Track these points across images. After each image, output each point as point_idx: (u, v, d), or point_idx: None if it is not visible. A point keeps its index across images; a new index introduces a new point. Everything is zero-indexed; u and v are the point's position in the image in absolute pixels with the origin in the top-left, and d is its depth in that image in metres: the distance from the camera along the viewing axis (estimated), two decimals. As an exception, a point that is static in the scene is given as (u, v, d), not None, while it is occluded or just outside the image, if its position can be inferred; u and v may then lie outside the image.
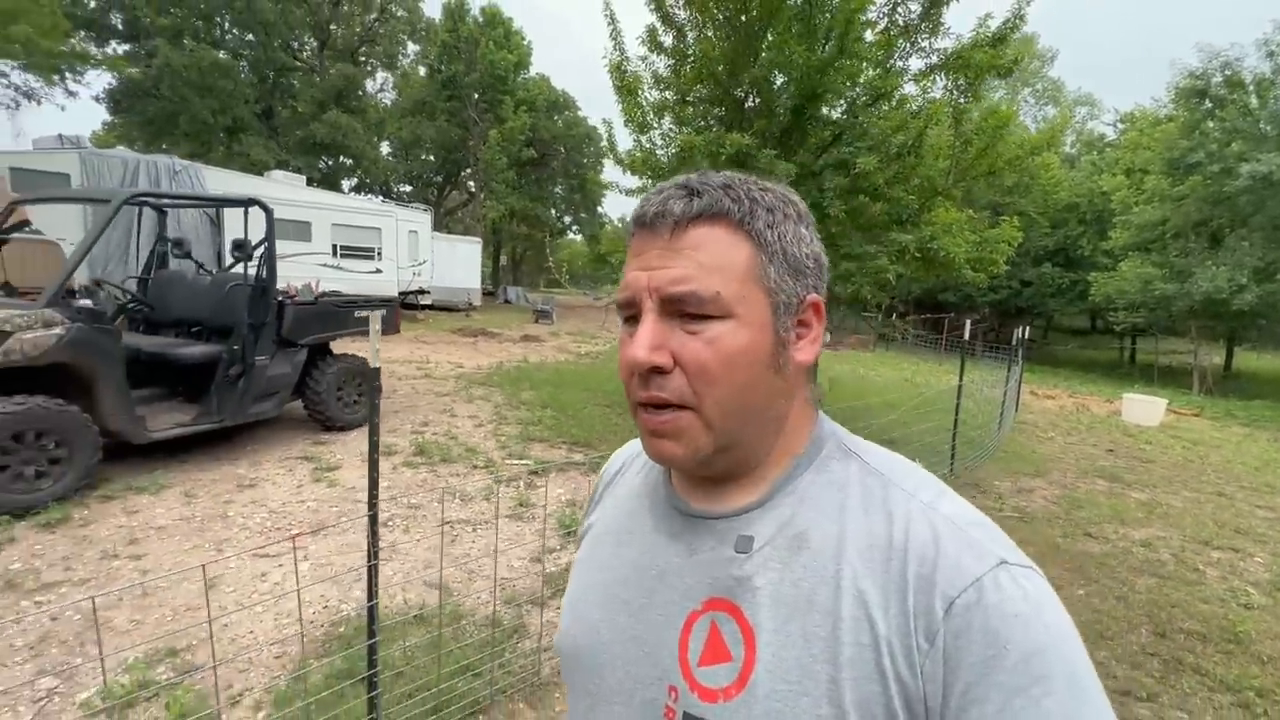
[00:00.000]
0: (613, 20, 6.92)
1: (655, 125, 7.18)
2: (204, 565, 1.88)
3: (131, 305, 4.79)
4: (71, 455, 3.70)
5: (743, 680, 0.48)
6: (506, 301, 28.43)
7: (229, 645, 2.65)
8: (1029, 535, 4.50)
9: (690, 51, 6.75)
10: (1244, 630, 3.24)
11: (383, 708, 2.08)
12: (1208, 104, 15.19)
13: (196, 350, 4.52)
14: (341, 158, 25.86)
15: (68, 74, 15.75)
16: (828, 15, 5.73)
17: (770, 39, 6.06)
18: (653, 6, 6.75)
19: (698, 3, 6.36)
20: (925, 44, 5.89)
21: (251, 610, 2.88)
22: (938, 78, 5.95)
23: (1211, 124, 14.64)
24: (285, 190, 13.27)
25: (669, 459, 0.53)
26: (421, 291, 17.50)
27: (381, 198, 26.90)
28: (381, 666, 2.10)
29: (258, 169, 19.15)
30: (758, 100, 6.56)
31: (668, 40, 6.96)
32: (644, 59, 7.10)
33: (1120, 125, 26.50)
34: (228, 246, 6.15)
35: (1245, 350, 22.29)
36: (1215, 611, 3.48)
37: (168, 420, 4.35)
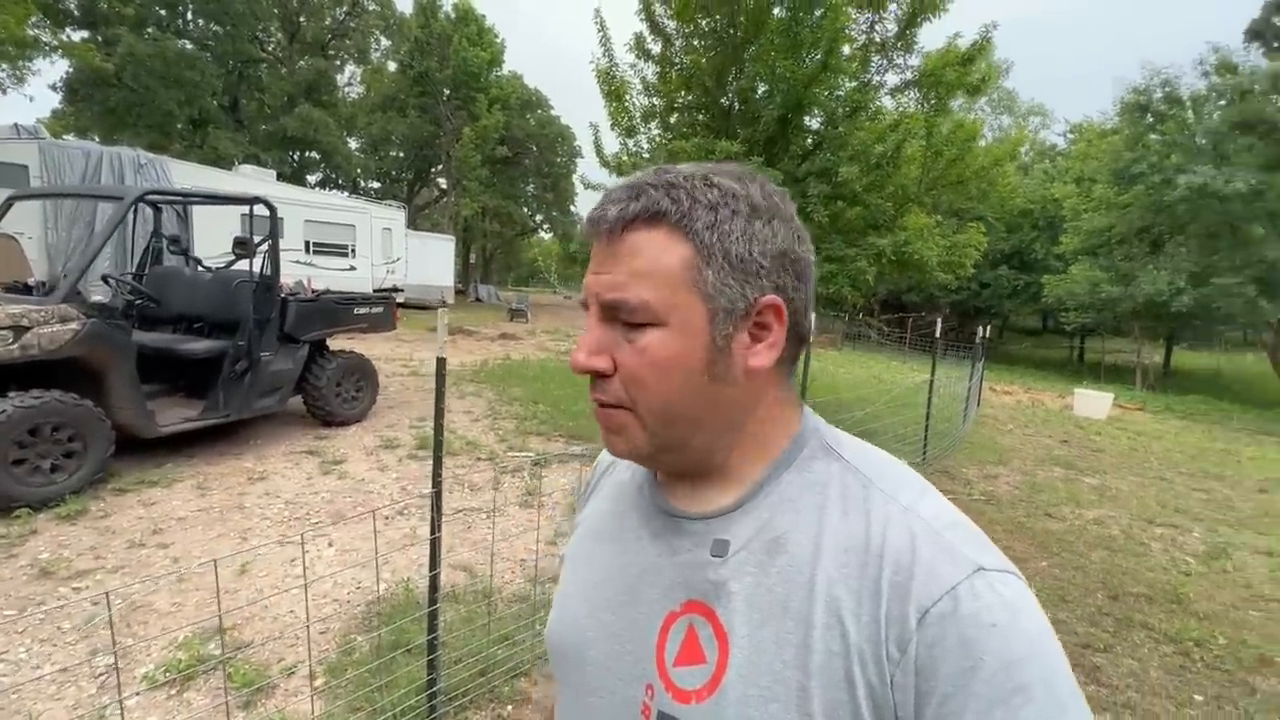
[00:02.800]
0: (602, 27, 7.13)
1: (642, 129, 7.42)
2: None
3: (139, 301, 4.80)
4: (86, 449, 3.74)
5: (714, 683, 0.48)
6: (478, 299, 28.27)
7: (272, 624, 2.79)
8: (996, 516, 4.91)
9: (677, 60, 7.01)
10: (1184, 593, 3.68)
11: (441, 668, 2.27)
12: (1150, 118, 16.21)
13: (202, 346, 4.57)
14: (310, 152, 25.33)
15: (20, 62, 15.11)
16: (810, 31, 6.06)
17: (754, 51, 6.37)
18: (642, 15, 6.98)
19: (685, 14, 6.63)
20: (900, 61, 6.28)
21: (288, 593, 3.01)
22: (911, 92, 6.36)
23: (1153, 137, 15.65)
24: (256, 185, 13.06)
25: (614, 453, 0.55)
26: (395, 289, 17.36)
27: (348, 194, 26.48)
28: (442, 631, 2.29)
29: (225, 162, 18.66)
30: (742, 108, 6.87)
31: (656, 48, 7.21)
32: (632, 65, 7.33)
33: (1070, 136, 27.89)
34: (195, 241, 6.18)
35: (1182, 349, 23.78)
36: (1159, 578, 3.91)
37: (176, 415, 4.40)
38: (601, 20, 7.11)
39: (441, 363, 2.12)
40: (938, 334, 5.84)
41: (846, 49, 6.41)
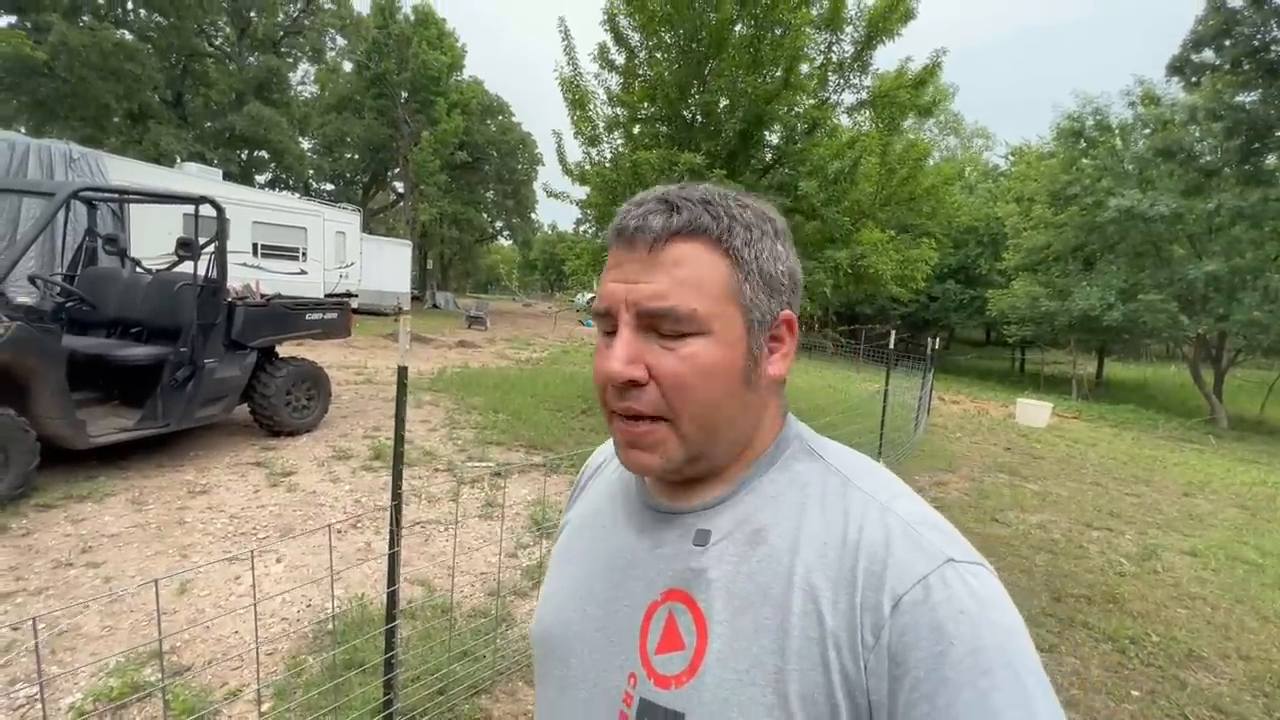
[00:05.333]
0: (566, 35, 7.14)
1: (606, 139, 7.44)
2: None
3: (71, 303, 4.51)
4: (7, 462, 3.49)
5: (693, 668, 0.50)
6: (435, 306, 27.71)
7: (214, 646, 2.65)
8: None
9: (641, 71, 7.08)
10: (1120, 593, 3.88)
11: (399, 687, 2.20)
12: (1083, 143, 17.21)
13: (140, 351, 4.33)
14: (259, 152, 24.43)
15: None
16: (771, 49, 6.21)
17: (716, 66, 6.48)
18: (606, 26, 7.02)
19: (649, 27, 6.70)
20: (856, 81, 6.50)
21: (233, 613, 2.86)
22: (866, 111, 6.58)
23: (1085, 161, 16.60)
24: (199, 184, 12.50)
25: (643, 469, 0.55)
26: (349, 295, 16.86)
27: (300, 195, 25.64)
28: (401, 649, 2.21)
29: (167, 159, 17.80)
30: (705, 122, 6.97)
31: (620, 59, 7.26)
32: (596, 75, 7.36)
33: (1011, 158, 29.35)
34: (132, 241, 5.82)
35: (1113, 361, 25.21)
36: (1097, 579, 4.12)
37: (109, 425, 4.15)
38: (566, 29, 7.11)
39: (403, 371, 2.06)
40: (891, 345, 6.02)
41: (805, 68, 6.60)
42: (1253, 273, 13.46)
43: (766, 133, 6.92)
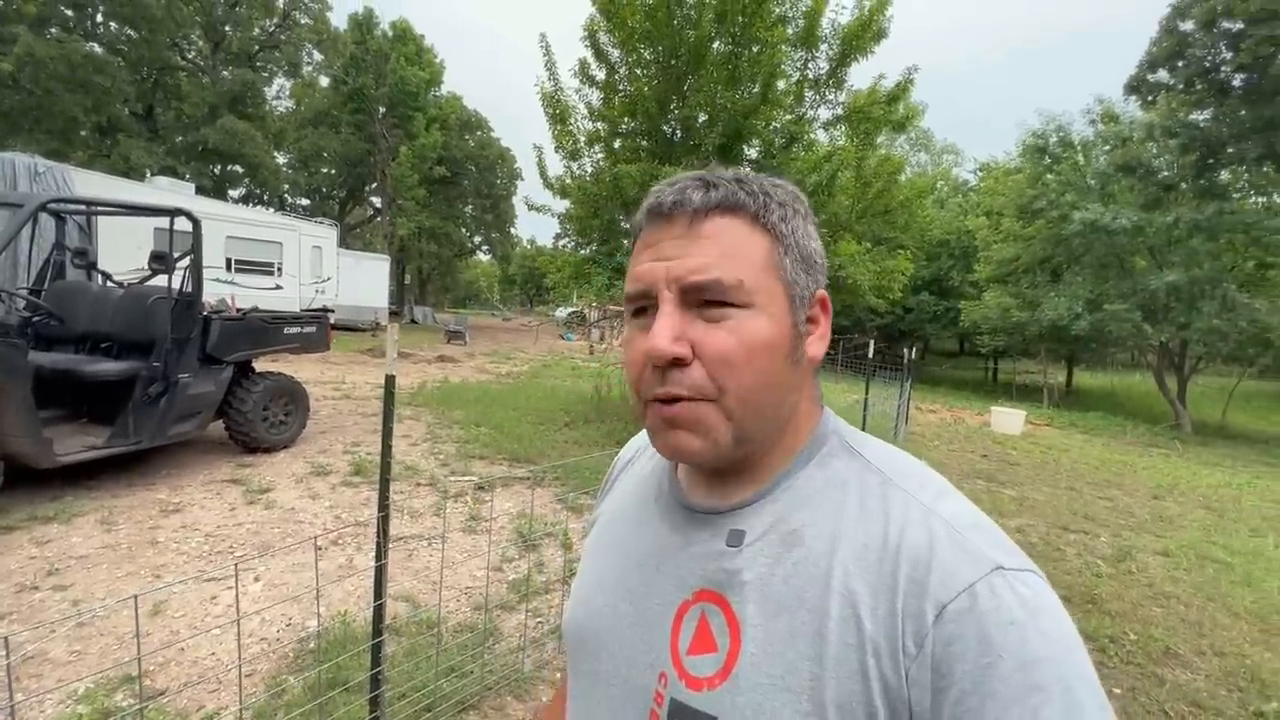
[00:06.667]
0: (547, 51, 7.21)
1: (587, 153, 7.50)
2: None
3: (38, 318, 4.37)
4: (-32, 482, 3.35)
5: (726, 671, 0.48)
6: (413, 321, 27.44)
7: (191, 668, 2.56)
8: (929, 528, 5.14)
9: (621, 86, 7.16)
10: (1097, 593, 3.95)
11: (385, 705, 2.15)
12: (1047, 159, 17.80)
13: (111, 367, 4.21)
14: (233, 166, 24.07)
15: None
16: (749, 65, 6.35)
17: (695, 82, 6.59)
18: (587, 42, 7.11)
19: (629, 43, 6.80)
20: (831, 97, 6.66)
21: (209, 633, 2.78)
22: (842, 127, 6.74)
23: (1050, 176, 17.15)
24: (171, 198, 12.28)
25: (687, 454, 0.51)
26: (326, 310, 16.63)
27: (275, 210, 25.31)
28: (387, 665, 2.17)
29: (137, 173, 17.45)
30: (685, 136, 7.07)
31: (600, 75, 7.34)
32: (577, 90, 7.43)
33: (980, 173, 30.21)
34: (101, 255, 5.68)
35: (1081, 370, 25.89)
36: (1075, 580, 4.20)
37: (77, 443, 4.01)
38: (547, 44, 7.19)
39: (390, 379, 2.04)
40: (870, 355, 6.12)
41: (782, 84, 6.75)
42: (1210, 283, 13.98)
43: (746, 147, 7.04)
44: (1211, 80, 13.39)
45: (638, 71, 7.04)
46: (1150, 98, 14.85)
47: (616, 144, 7.45)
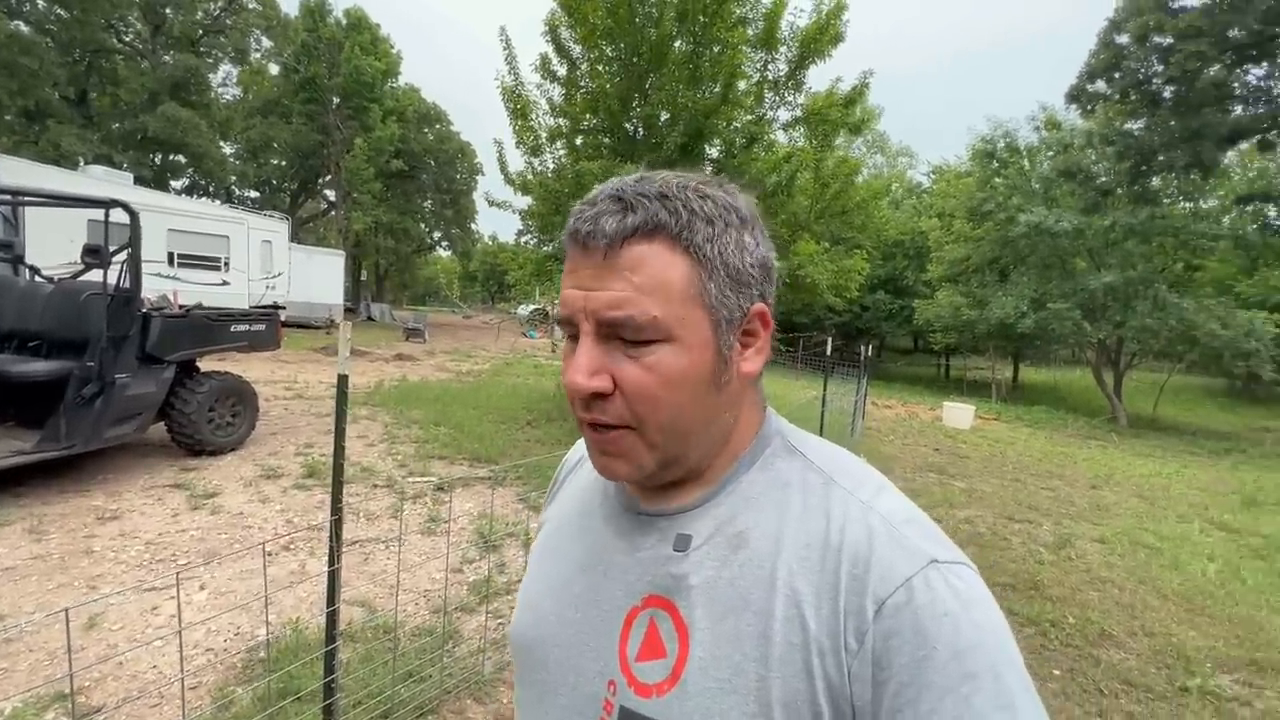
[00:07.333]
0: (508, 45, 7.11)
1: (548, 149, 7.44)
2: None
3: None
4: (-123, 491, 3.11)
5: (675, 676, 0.48)
6: (369, 319, 26.73)
7: (130, 682, 2.44)
8: (884, 520, 5.29)
9: (583, 83, 7.13)
10: (1040, 579, 4.15)
11: (339, 713, 2.09)
12: (995, 164, 18.55)
13: (40, 367, 3.97)
14: (176, 156, 22.96)
15: None
16: (710, 65, 6.40)
17: (657, 80, 6.61)
18: (548, 38, 7.04)
19: (590, 40, 6.77)
20: (791, 99, 6.77)
21: (149, 645, 2.65)
22: (801, 128, 6.86)
23: (998, 180, 17.89)
24: (106, 189, 11.63)
25: (614, 476, 0.54)
26: (276, 306, 16.04)
27: (220, 202, 24.27)
28: (341, 672, 2.11)
29: (69, 161, 16.48)
30: (646, 134, 7.09)
31: (562, 71, 7.29)
32: (538, 85, 7.36)
33: (932, 176, 31.21)
34: (28, 248, 5.34)
35: (1026, 366, 27.06)
36: (1020, 567, 4.39)
37: (3, 448, 3.77)
38: (507, 38, 7.09)
39: (344, 379, 1.99)
40: (828, 352, 6.26)
41: (743, 84, 6.83)
42: (1143, 283, 14.81)
43: (707, 146, 7.10)
44: (1144, 91, 14.16)
45: (599, 68, 7.01)
46: (1089, 106, 15.60)
47: (578, 140, 7.41)
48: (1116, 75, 14.42)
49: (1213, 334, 13.88)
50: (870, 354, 10.75)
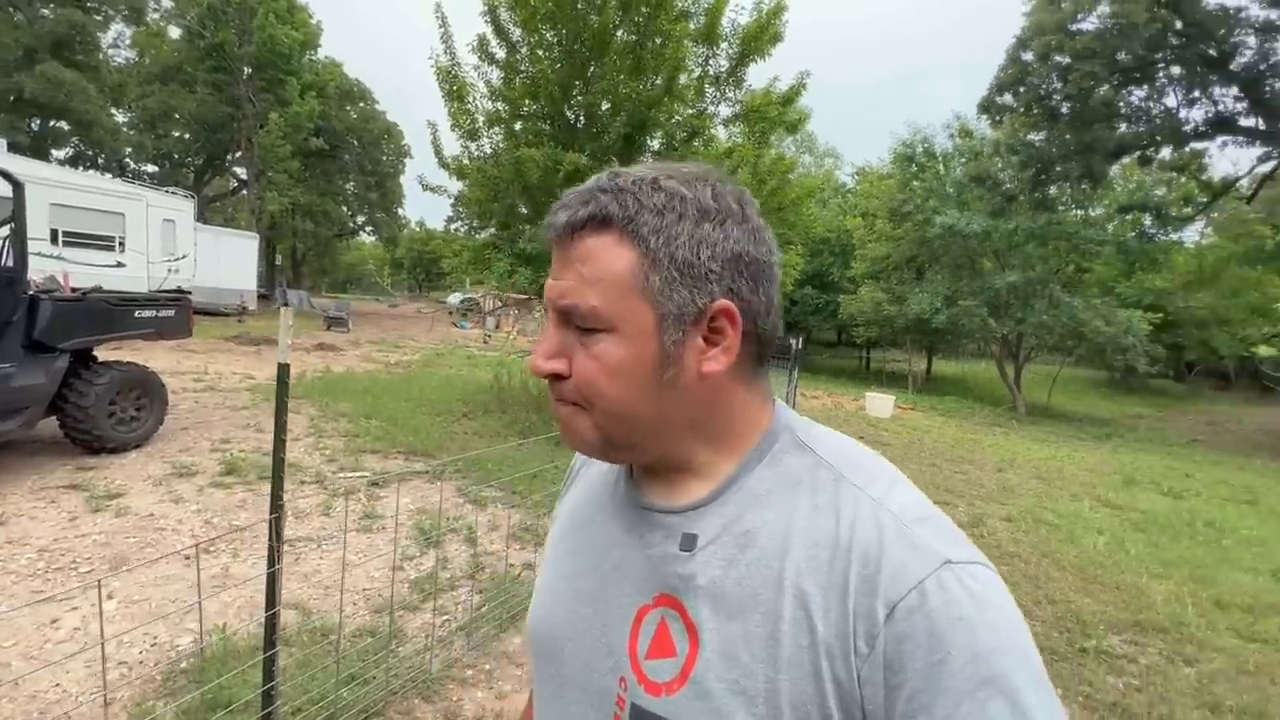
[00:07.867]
0: (444, 24, 6.85)
1: (486, 134, 7.23)
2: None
3: None
4: None
5: (684, 676, 0.48)
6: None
7: (28, 703, 2.22)
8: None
9: (523, 67, 6.96)
10: (958, 556, 4.47)
11: (280, 722, 1.98)
12: (914, 168, 19.62)
13: (-98, 356, 3.50)
14: (58, 122, 20.62)
15: None
16: (652, 57, 6.40)
17: (598, 69, 6.55)
18: (487, 18, 6.83)
19: (531, 23, 6.62)
20: (731, 95, 6.89)
21: (50, 664, 2.41)
22: (740, 124, 6.99)
23: (916, 183, 18.94)
24: (-29, 156, 10.32)
25: (571, 446, 0.56)
26: (183, 291, 14.79)
27: (113, 175, 22.09)
28: (281, 679, 2.00)
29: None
30: (588, 123, 7.01)
31: (501, 53, 7.09)
32: (476, 67, 7.13)
33: (856, 177, 32.64)
34: None
35: (939, 359, 28.92)
36: (940, 546, 4.71)
37: None
38: (443, 15, 6.82)
39: (284, 368, 1.87)
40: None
41: (684, 78, 6.87)
42: (1041, 283, 16.12)
43: (649, 138, 7.11)
44: (1045, 106, 15.37)
45: (540, 53, 6.85)
46: (998, 118, 16.77)
47: (518, 126, 7.23)
48: (1021, 90, 15.56)
49: (1098, 330, 15.32)
50: (799, 347, 11.16)
